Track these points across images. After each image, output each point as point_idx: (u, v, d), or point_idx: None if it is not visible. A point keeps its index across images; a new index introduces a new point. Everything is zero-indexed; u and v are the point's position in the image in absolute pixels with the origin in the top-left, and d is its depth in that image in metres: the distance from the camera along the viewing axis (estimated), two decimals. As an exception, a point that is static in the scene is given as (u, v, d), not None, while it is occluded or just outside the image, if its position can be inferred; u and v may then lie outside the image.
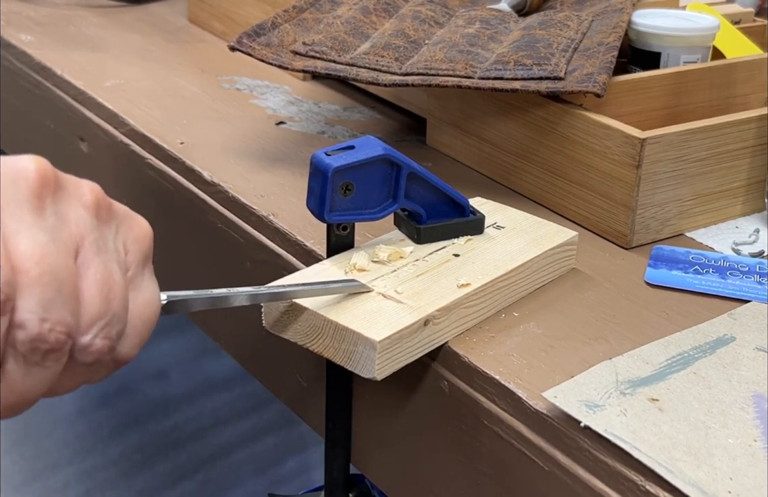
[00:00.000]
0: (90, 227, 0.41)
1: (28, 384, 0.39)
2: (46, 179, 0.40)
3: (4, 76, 1.06)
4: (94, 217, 0.42)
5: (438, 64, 0.75)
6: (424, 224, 0.62)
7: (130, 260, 0.44)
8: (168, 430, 1.52)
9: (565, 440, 0.49)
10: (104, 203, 0.43)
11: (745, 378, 0.52)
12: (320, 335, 0.54)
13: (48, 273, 0.38)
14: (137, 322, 0.43)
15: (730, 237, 0.71)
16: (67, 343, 0.39)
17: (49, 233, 0.39)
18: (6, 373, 0.38)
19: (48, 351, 0.39)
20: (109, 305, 0.41)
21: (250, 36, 0.80)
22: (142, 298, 0.44)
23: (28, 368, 0.39)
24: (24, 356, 0.38)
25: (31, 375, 0.39)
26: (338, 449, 0.63)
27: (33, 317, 0.38)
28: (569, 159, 0.71)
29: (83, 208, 0.42)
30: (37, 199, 0.40)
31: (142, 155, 0.83)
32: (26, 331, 0.38)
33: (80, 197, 0.42)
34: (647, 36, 0.83)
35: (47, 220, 0.40)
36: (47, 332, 0.38)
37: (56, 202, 0.41)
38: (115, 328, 0.41)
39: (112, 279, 0.41)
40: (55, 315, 0.38)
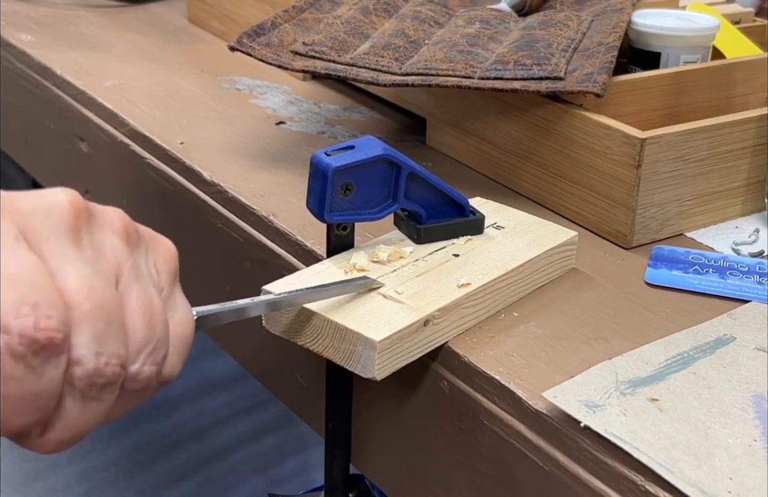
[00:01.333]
0: (125, 254, 0.41)
1: (85, 419, 0.39)
2: (80, 210, 0.40)
3: (4, 76, 1.06)
4: (126, 243, 0.42)
5: (438, 64, 0.75)
6: (424, 224, 0.62)
7: (163, 281, 0.44)
8: (168, 430, 1.52)
9: (565, 440, 0.49)
10: (132, 228, 0.43)
11: (745, 378, 0.52)
12: (320, 335, 0.54)
13: (98, 307, 0.38)
14: (177, 341, 0.43)
15: (730, 237, 0.71)
16: (121, 375, 0.39)
17: (91, 265, 0.39)
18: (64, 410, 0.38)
19: (105, 385, 0.38)
20: (153, 331, 0.41)
21: (250, 36, 0.80)
22: (178, 317, 0.44)
23: (85, 403, 0.38)
24: (81, 392, 0.38)
25: (88, 410, 0.39)
26: (338, 449, 0.63)
27: (89, 353, 0.37)
28: (569, 159, 0.71)
29: (115, 235, 0.41)
30: (74, 231, 0.39)
31: (142, 155, 0.83)
32: (83, 367, 0.37)
33: (111, 224, 0.42)
34: (647, 36, 0.83)
35: (86, 251, 0.39)
36: (104, 366, 0.38)
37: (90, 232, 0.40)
38: (161, 353, 0.41)
39: (153, 304, 0.41)
40: (109, 348, 0.38)
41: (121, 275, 0.41)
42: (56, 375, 0.37)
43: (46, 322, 0.35)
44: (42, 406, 0.37)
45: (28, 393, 0.36)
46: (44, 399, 0.37)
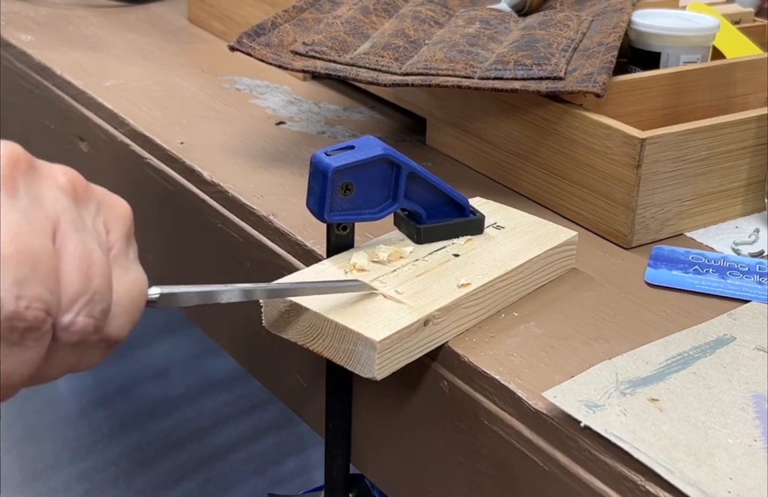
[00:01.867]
0: (66, 207, 0.41)
1: (10, 366, 0.38)
2: (17, 161, 0.40)
3: (4, 76, 1.06)
4: (71, 198, 0.41)
5: (438, 64, 0.75)
6: (424, 224, 0.62)
7: (113, 238, 0.43)
8: (168, 430, 1.52)
9: (565, 440, 0.49)
10: (80, 184, 0.42)
11: (745, 378, 0.52)
12: (320, 335, 0.54)
13: (22, 251, 0.38)
14: (125, 301, 0.42)
15: (730, 237, 0.71)
16: (46, 320, 0.39)
17: (23, 213, 0.39)
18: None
19: (27, 329, 0.38)
20: (90, 283, 0.40)
21: (250, 36, 0.80)
22: (128, 277, 0.43)
23: (9, 348, 0.38)
24: (3, 336, 0.38)
25: (13, 356, 0.38)
26: (338, 449, 0.63)
27: (8, 296, 0.37)
28: (569, 159, 0.71)
29: (58, 189, 0.41)
30: (10, 180, 0.39)
31: (142, 155, 0.83)
32: (2, 310, 0.37)
33: (54, 179, 0.41)
34: (647, 36, 0.83)
35: (20, 200, 0.39)
36: (24, 309, 0.38)
37: (29, 184, 0.40)
38: (98, 306, 0.41)
39: (92, 257, 0.41)
40: (31, 292, 0.38)
41: (59, 226, 0.40)
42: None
43: None
44: None
45: None
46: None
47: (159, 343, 1.59)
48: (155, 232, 0.85)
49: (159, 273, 0.84)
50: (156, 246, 0.84)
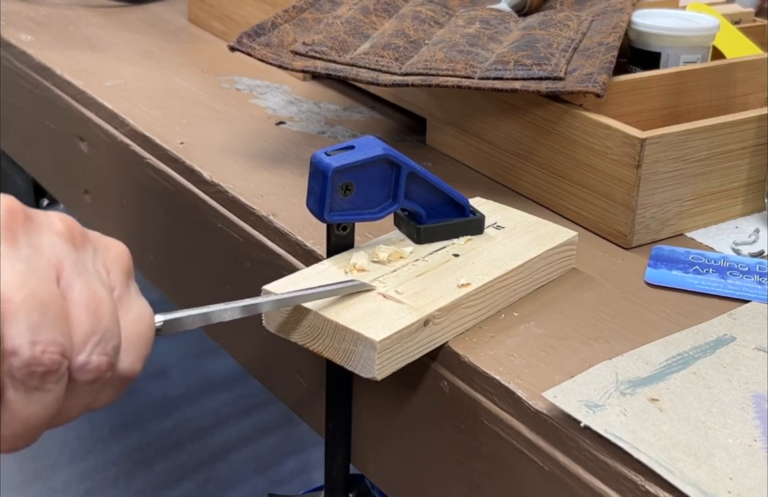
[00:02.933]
0: (66, 251, 0.41)
1: (31, 411, 0.39)
2: (14, 212, 0.40)
3: (4, 76, 1.06)
4: (69, 243, 0.42)
5: (438, 64, 0.75)
6: (424, 224, 0.62)
7: (114, 279, 0.44)
8: (168, 430, 1.52)
9: (565, 440, 0.49)
10: (77, 229, 0.43)
11: (745, 378, 0.52)
12: (320, 335, 0.54)
13: (32, 297, 0.38)
14: (134, 337, 0.44)
15: (730, 237, 0.71)
16: (62, 363, 0.39)
17: (26, 261, 0.39)
18: (7, 403, 0.38)
19: (45, 373, 0.39)
20: (99, 322, 0.41)
21: (250, 36, 0.80)
22: (133, 313, 0.44)
23: (28, 394, 0.39)
24: (22, 382, 0.38)
25: (34, 401, 0.39)
26: (338, 449, 0.63)
27: (24, 342, 0.38)
28: (569, 159, 0.71)
29: (56, 235, 0.42)
30: (8, 231, 0.40)
31: (142, 155, 0.83)
32: (20, 357, 0.38)
33: (51, 227, 0.42)
34: (647, 36, 0.83)
35: (22, 250, 0.40)
36: (40, 354, 0.38)
37: (28, 234, 0.41)
38: (110, 343, 0.41)
39: (98, 296, 0.41)
40: (45, 337, 0.38)
41: (63, 270, 0.41)
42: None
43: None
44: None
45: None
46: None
47: (159, 343, 1.58)
48: (155, 232, 0.85)
49: (158, 273, 0.84)
50: (156, 246, 0.84)
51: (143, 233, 0.87)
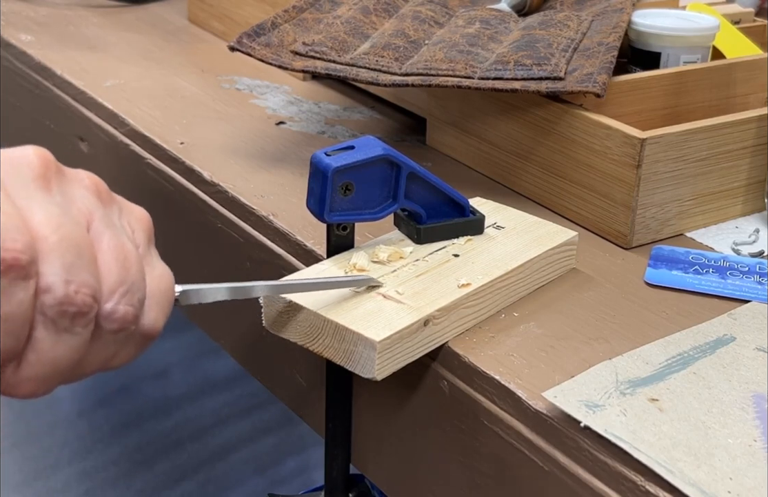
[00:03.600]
0: (96, 204, 0.42)
1: (59, 352, 0.39)
2: (48, 162, 0.41)
3: (4, 76, 1.06)
4: (97, 198, 0.43)
5: (438, 64, 0.75)
6: (424, 224, 0.62)
7: (138, 238, 0.45)
8: (168, 430, 1.52)
9: (565, 440, 0.49)
10: (103, 187, 0.44)
11: (745, 378, 0.52)
12: (320, 335, 0.54)
13: (67, 239, 0.39)
14: (157, 294, 0.44)
15: (730, 237, 0.71)
16: (93, 306, 0.40)
17: (60, 207, 0.40)
18: (36, 341, 0.38)
19: (76, 314, 0.39)
20: (128, 273, 0.41)
21: (250, 36, 0.80)
22: (156, 272, 0.45)
23: (58, 334, 0.39)
24: (53, 321, 0.38)
25: (62, 342, 0.39)
26: (338, 449, 0.63)
27: (58, 280, 0.38)
28: (569, 159, 0.71)
29: (86, 189, 0.43)
30: (43, 179, 0.40)
31: (142, 155, 0.83)
32: (53, 294, 0.38)
33: (81, 181, 0.43)
34: (647, 36, 0.83)
35: (55, 197, 0.40)
36: (74, 293, 0.38)
37: (60, 183, 0.41)
38: (136, 295, 0.42)
39: (126, 248, 0.42)
40: (79, 278, 0.39)
41: (93, 220, 0.41)
42: (25, 299, 0.37)
43: (11, 244, 0.36)
44: (13, 330, 0.37)
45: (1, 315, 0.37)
46: (15, 322, 0.37)
47: (159, 343, 1.58)
48: (155, 232, 0.84)
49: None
50: (156, 246, 0.84)
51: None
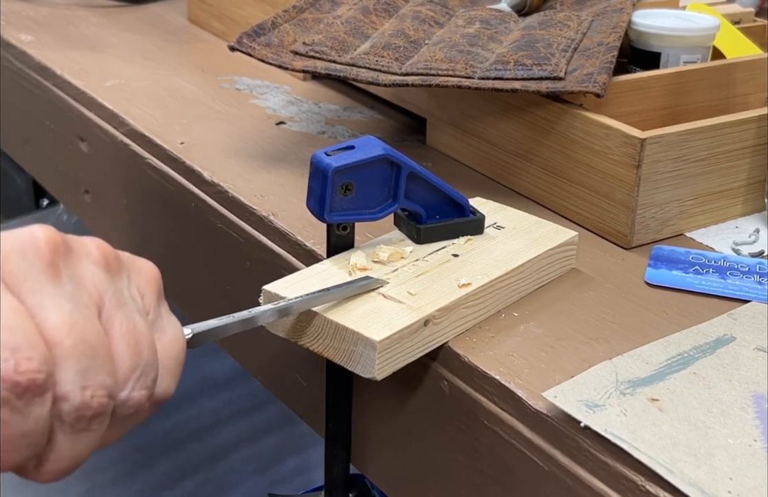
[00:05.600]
0: (106, 283, 0.42)
1: (78, 450, 0.40)
2: (56, 245, 0.40)
3: (4, 76, 1.06)
4: (106, 272, 0.42)
5: (438, 64, 0.75)
6: (424, 224, 0.62)
7: (147, 303, 0.44)
8: (168, 430, 1.52)
9: (565, 440, 0.49)
10: (112, 255, 0.43)
11: (745, 378, 0.52)
12: (320, 335, 0.54)
13: (80, 341, 0.39)
14: (168, 362, 0.44)
15: (730, 237, 0.71)
16: (109, 405, 0.40)
17: (71, 299, 0.39)
18: (55, 444, 0.39)
19: (93, 417, 0.39)
20: (140, 357, 0.41)
21: (250, 36, 0.80)
22: (167, 337, 0.44)
23: (76, 435, 0.39)
24: (71, 425, 0.39)
25: (80, 441, 0.40)
26: (338, 449, 0.63)
27: (74, 388, 0.38)
28: (569, 159, 0.71)
29: (95, 265, 0.42)
30: (52, 267, 0.40)
31: (142, 155, 0.83)
32: (70, 402, 0.38)
33: (89, 255, 0.42)
34: (647, 36, 0.83)
35: (65, 286, 0.40)
36: (90, 399, 0.39)
37: (69, 266, 0.40)
38: (149, 376, 0.42)
39: (137, 330, 0.42)
40: (94, 381, 0.39)
41: (103, 304, 0.41)
42: (43, 413, 0.37)
43: (26, 365, 0.36)
44: (33, 443, 0.38)
45: (18, 434, 0.37)
46: (34, 436, 0.38)
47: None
48: (155, 232, 0.85)
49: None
50: (156, 246, 0.84)
51: (143, 233, 0.87)
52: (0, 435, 0.36)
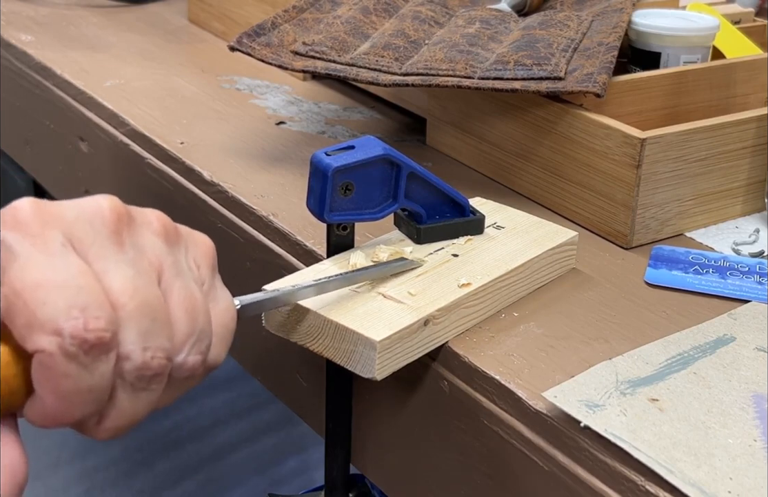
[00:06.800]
0: (165, 252, 0.43)
1: (136, 408, 0.42)
2: (120, 214, 0.42)
3: (4, 76, 1.06)
4: (165, 242, 0.44)
5: (438, 64, 0.75)
6: (424, 224, 0.62)
7: (203, 274, 0.46)
8: (168, 430, 1.52)
9: (565, 440, 0.49)
10: (171, 227, 0.45)
11: (745, 378, 0.52)
12: (320, 335, 0.54)
13: (142, 304, 0.40)
14: (220, 330, 0.46)
15: (730, 237, 0.71)
16: (167, 366, 0.42)
17: (134, 265, 0.41)
18: (116, 400, 0.41)
19: (153, 377, 0.41)
20: (196, 323, 0.43)
21: (250, 36, 0.80)
22: (220, 307, 0.46)
23: (135, 393, 0.41)
24: (131, 384, 0.41)
25: (139, 399, 0.41)
26: (338, 449, 0.63)
27: (136, 348, 0.40)
28: (569, 159, 0.71)
29: (155, 235, 0.44)
30: (116, 235, 0.42)
31: (142, 155, 0.83)
32: (132, 362, 0.40)
33: (150, 226, 0.44)
34: (647, 36, 0.83)
35: (128, 253, 0.42)
36: (150, 359, 0.41)
37: (131, 234, 0.43)
38: (204, 342, 0.44)
39: (194, 298, 0.43)
40: (154, 343, 0.41)
41: (163, 272, 0.43)
42: (107, 370, 0.39)
43: (94, 323, 0.38)
44: (96, 399, 0.40)
45: (84, 388, 0.39)
46: (98, 392, 0.39)
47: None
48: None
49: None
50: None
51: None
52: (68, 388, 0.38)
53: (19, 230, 0.39)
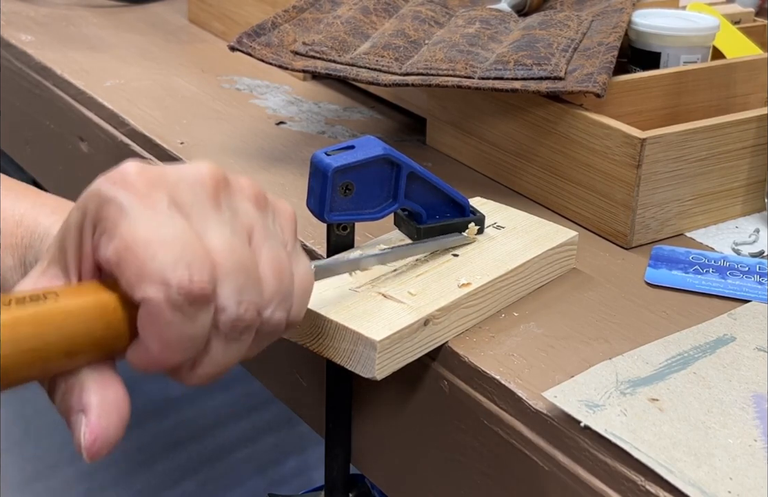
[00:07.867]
0: (256, 216, 0.47)
1: (227, 357, 0.45)
2: (218, 180, 0.46)
3: (4, 76, 1.06)
4: (256, 207, 0.47)
5: (438, 64, 0.75)
6: (424, 224, 0.62)
7: (287, 238, 0.49)
8: (168, 430, 1.52)
9: (565, 440, 0.49)
10: (261, 194, 0.48)
11: (745, 378, 0.52)
12: (320, 335, 0.54)
13: (238, 263, 0.44)
14: (300, 291, 0.49)
15: (730, 237, 0.71)
16: (258, 320, 0.45)
17: (230, 226, 0.45)
18: (210, 349, 0.44)
19: (245, 329, 0.45)
20: (282, 282, 0.47)
21: (250, 36, 0.80)
22: (300, 270, 0.49)
23: (227, 343, 0.45)
24: (225, 334, 0.44)
25: (230, 349, 0.45)
26: (338, 449, 0.63)
27: (232, 302, 0.44)
28: (569, 159, 0.71)
29: (247, 200, 0.47)
30: (214, 198, 0.45)
31: (142, 155, 0.83)
32: (228, 314, 0.44)
33: (243, 191, 0.47)
34: (647, 36, 0.83)
35: (224, 214, 0.45)
36: (243, 312, 0.44)
37: (227, 198, 0.46)
38: (288, 301, 0.47)
39: (281, 259, 0.47)
40: (247, 297, 0.44)
41: (253, 234, 0.46)
42: (206, 321, 0.43)
43: (198, 276, 0.42)
44: (195, 346, 0.43)
45: (185, 336, 0.42)
46: (196, 340, 0.43)
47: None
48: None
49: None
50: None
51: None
52: (172, 335, 0.42)
53: (129, 189, 0.43)
